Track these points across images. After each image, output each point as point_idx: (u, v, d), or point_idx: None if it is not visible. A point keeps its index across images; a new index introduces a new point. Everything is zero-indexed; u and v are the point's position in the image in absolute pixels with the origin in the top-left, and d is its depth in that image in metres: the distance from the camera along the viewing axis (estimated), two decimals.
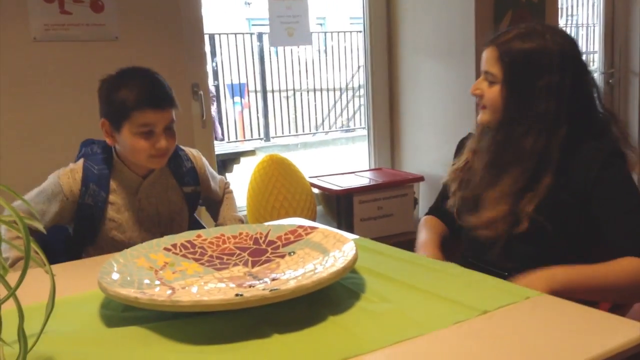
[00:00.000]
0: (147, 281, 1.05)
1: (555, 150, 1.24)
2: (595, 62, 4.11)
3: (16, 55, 2.15)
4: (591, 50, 5.11)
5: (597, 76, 4.05)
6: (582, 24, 5.54)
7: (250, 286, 1.05)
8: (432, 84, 3.04)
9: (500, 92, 1.28)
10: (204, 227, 1.68)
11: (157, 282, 1.06)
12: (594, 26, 4.26)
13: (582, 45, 5.27)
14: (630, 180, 1.24)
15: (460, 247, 1.46)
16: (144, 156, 1.42)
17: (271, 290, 0.93)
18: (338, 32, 6.61)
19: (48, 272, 0.77)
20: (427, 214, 1.60)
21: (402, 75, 3.22)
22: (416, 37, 3.12)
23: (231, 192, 1.78)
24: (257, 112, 6.87)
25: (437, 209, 1.56)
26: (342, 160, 6.58)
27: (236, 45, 6.49)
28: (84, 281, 1.19)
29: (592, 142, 1.25)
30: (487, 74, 1.32)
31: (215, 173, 1.74)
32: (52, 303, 0.79)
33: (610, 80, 3.96)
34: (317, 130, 7.58)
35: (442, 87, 2.92)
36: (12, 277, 0.74)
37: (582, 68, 1.29)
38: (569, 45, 1.27)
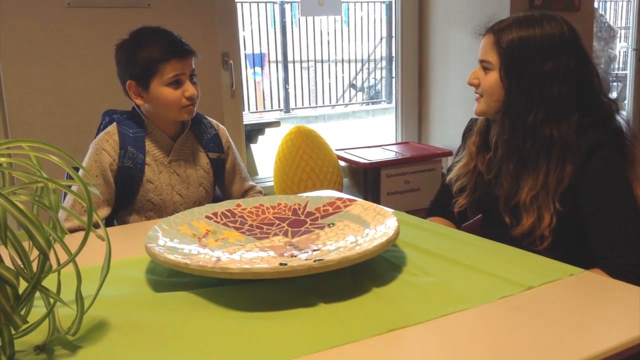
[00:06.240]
0: (191, 248, 1.07)
1: (572, 137, 1.20)
2: (628, 38, 4.01)
3: (50, 21, 2.15)
4: (624, 26, 4.98)
5: (629, 53, 3.97)
6: None
7: (292, 256, 1.07)
8: (463, 57, 3.00)
9: (499, 78, 1.25)
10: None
11: (202, 249, 1.07)
12: (628, 2, 4.14)
13: (614, 20, 5.13)
14: (615, 173, 1.20)
15: None
16: (177, 107, 1.48)
17: (316, 260, 0.94)
18: (361, 1, 6.49)
19: (104, 238, 0.78)
20: (429, 211, 1.55)
21: (432, 47, 3.18)
22: (448, 8, 3.06)
23: (260, 191, 1.78)
24: (278, 83, 6.81)
25: (441, 207, 1.50)
26: (363, 133, 6.53)
27: (258, 14, 6.41)
28: (128, 246, 1.21)
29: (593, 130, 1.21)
30: (482, 62, 1.29)
31: (247, 174, 1.76)
32: (107, 268, 0.80)
33: None
34: (337, 102, 7.52)
35: (473, 60, 2.87)
36: (67, 240, 0.76)
37: (584, 53, 1.25)
38: (569, 30, 1.24)
